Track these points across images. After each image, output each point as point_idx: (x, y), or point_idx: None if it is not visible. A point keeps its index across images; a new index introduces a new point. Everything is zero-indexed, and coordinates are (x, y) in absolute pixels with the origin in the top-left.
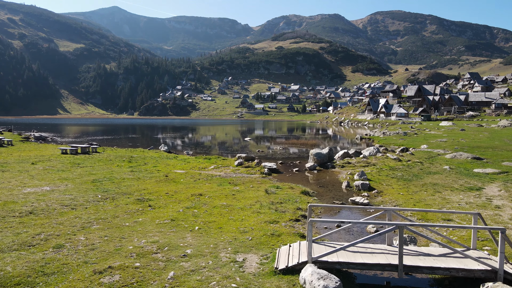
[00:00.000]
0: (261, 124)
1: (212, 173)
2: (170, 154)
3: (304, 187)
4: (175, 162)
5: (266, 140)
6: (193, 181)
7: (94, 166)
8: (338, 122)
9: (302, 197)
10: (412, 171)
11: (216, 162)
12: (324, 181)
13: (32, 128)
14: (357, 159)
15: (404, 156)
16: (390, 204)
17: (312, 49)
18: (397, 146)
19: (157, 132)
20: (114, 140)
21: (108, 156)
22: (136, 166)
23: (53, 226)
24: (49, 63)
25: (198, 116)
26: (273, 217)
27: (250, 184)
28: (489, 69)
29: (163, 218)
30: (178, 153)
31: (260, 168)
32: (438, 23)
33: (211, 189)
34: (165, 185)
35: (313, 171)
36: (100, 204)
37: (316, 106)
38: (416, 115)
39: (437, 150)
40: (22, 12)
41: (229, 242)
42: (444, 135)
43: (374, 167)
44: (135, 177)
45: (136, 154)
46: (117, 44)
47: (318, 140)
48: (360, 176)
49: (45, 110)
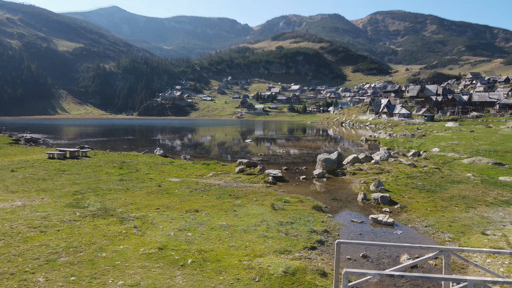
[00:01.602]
0: (262, 125)
1: (210, 181)
2: (166, 158)
3: (315, 201)
4: (170, 169)
5: (267, 141)
6: (189, 192)
7: (81, 174)
8: (339, 123)
9: (314, 214)
10: (433, 179)
11: (215, 169)
12: (336, 191)
13: (26, 129)
14: (368, 165)
15: (419, 161)
16: (419, 223)
17: (313, 49)
18: (406, 149)
19: (154, 133)
20: (109, 142)
21: (98, 161)
22: (127, 173)
23: (9, 259)
24: (48, 63)
25: (197, 116)
26: (283, 244)
27: (253, 196)
28: (490, 69)
29: (149, 245)
30: (175, 157)
31: (264, 176)
32: (438, 23)
33: (208, 203)
34: (156, 197)
35: (322, 179)
36: (76, 225)
37: (316, 106)
38: (419, 115)
39: (452, 154)
40: (21, 11)
41: (230, 284)
42: (454, 137)
43: (389, 174)
44: (124, 187)
45: (129, 158)
46: (116, 44)
47: (320, 141)
48: (376, 187)
49: (44, 110)
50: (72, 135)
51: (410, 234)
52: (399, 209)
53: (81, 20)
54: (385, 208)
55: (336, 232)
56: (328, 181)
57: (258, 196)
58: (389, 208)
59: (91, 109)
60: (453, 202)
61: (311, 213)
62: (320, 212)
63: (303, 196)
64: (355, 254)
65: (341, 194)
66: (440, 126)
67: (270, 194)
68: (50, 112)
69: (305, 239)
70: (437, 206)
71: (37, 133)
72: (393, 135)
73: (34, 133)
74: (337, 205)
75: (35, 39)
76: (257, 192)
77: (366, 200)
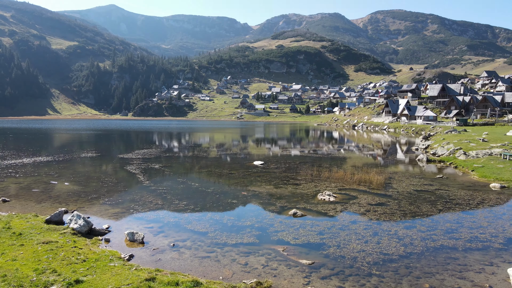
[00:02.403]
0: (264, 128)
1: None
2: (80, 240)
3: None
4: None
5: (293, 170)
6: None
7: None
8: (351, 126)
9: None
10: None
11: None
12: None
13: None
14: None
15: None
16: None
17: (314, 48)
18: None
19: (135, 145)
20: (62, 167)
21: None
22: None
23: None
24: (39, 61)
25: (195, 117)
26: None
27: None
28: (493, 68)
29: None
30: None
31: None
32: (440, 23)
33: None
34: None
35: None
36: None
37: (320, 106)
38: (448, 119)
39: None
40: (14, 8)
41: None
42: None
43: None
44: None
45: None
46: (112, 42)
47: (356, 161)
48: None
49: (34, 111)
50: (35, 148)
51: None
52: None
53: (78, 18)
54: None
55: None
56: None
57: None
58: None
59: (85, 109)
60: None
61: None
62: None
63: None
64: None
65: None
66: (496, 133)
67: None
68: (41, 113)
69: None
70: None
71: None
72: (474, 154)
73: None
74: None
75: (27, 37)
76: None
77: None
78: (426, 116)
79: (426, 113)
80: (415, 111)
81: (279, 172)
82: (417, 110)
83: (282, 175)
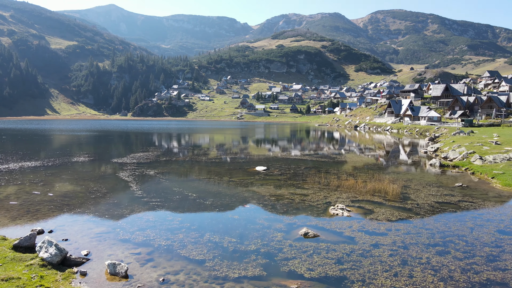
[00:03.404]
0: (264, 129)
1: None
2: (49, 275)
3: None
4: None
5: (299, 177)
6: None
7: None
8: (353, 126)
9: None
10: None
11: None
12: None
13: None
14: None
15: None
16: None
17: (314, 48)
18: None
19: (131, 147)
20: (49, 174)
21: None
22: None
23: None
24: (38, 61)
25: (195, 117)
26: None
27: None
28: (494, 68)
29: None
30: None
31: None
32: (440, 22)
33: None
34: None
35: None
36: None
37: (321, 106)
38: (453, 119)
39: None
40: (13, 8)
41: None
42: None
43: None
44: None
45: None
46: (111, 42)
47: (368, 164)
48: None
49: (33, 111)
50: (25, 151)
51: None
52: None
53: (78, 18)
54: None
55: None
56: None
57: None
58: None
59: (84, 109)
60: None
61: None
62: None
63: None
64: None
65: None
66: (510, 136)
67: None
68: (40, 113)
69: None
70: None
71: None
72: (491, 159)
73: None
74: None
75: (27, 36)
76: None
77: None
78: (430, 117)
79: (430, 114)
80: (419, 111)
81: (283, 179)
82: (420, 111)
83: (287, 183)
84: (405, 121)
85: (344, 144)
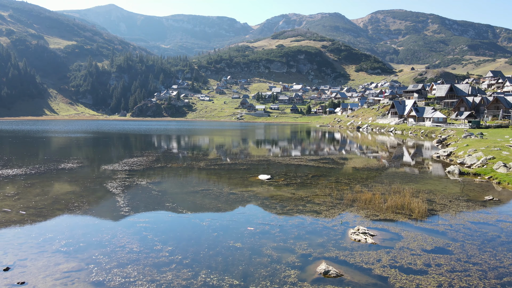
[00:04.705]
0: (265, 130)
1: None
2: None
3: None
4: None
5: (307, 188)
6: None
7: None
8: (355, 127)
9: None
10: None
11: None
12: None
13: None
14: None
15: None
16: None
17: (314, 47)
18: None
19: (125, 151)
20: (29, 184)
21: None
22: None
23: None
24: (37, 61)
25: (194, 117)
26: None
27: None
28: (495, 68)
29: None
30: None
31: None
32: (440, 22)
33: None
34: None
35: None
36: None
37: (322, 107)
38: (459, 120)
39: None
40: (12, 8)
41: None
42: None
43: None
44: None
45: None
46: (111, 42)
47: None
48: None
49: (31, 111)
50: (10, 155)
51: None
52: None
53: (77, 18)
54: None
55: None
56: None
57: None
58: None
59: (82, 109)
60: None
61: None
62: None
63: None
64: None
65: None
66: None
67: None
68: (38, 113)
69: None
70: None
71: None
72: (500, 163)
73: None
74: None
75: (25, 36)
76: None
77: None
78: (435, 118)
79: (435, 115)
80: (423, 112)
81: (289, 191)
82: (425, 112)
83: (294, 196)
84: (409, 122)
85: (349, 146)
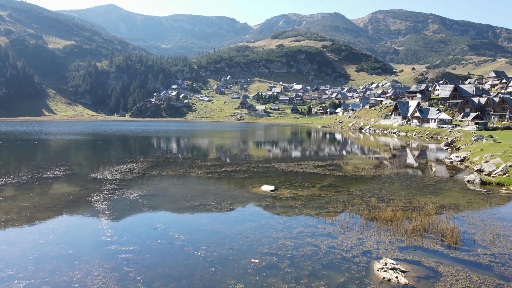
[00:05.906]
0: (265, 131)
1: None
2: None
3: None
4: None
5: (317, 204)
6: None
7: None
8: (357, 128)
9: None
10: None
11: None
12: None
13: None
14: None
15: None
16: None
17: (314, 47)
18: None
19: (118, 155)
20: (5, 197)
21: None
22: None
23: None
24: (36, 61)
25: (194, 118)
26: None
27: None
28: (495, 68)
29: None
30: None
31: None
32: (440, 22)
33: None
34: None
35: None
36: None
37: (322, 107)
38: (465, 122)
39: None
40: (11, 7)
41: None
42: None
43: None
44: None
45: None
46: (110, 42)
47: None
48: None
49: (29, 111)
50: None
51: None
52: None
53: (76, 18)
54: None
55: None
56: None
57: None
58: None
59: (81, 109)
60: None
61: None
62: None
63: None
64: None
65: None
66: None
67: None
68: (36, 113)
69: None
70: None
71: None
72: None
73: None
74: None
75: (24, 36)
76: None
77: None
78: (441, 119)
79: (440, 116)
80: (428, 113)
81: (297, 206)
82: (429, 113)
83: (303, 213)
84: (413, 123)
85: (353, 149)
